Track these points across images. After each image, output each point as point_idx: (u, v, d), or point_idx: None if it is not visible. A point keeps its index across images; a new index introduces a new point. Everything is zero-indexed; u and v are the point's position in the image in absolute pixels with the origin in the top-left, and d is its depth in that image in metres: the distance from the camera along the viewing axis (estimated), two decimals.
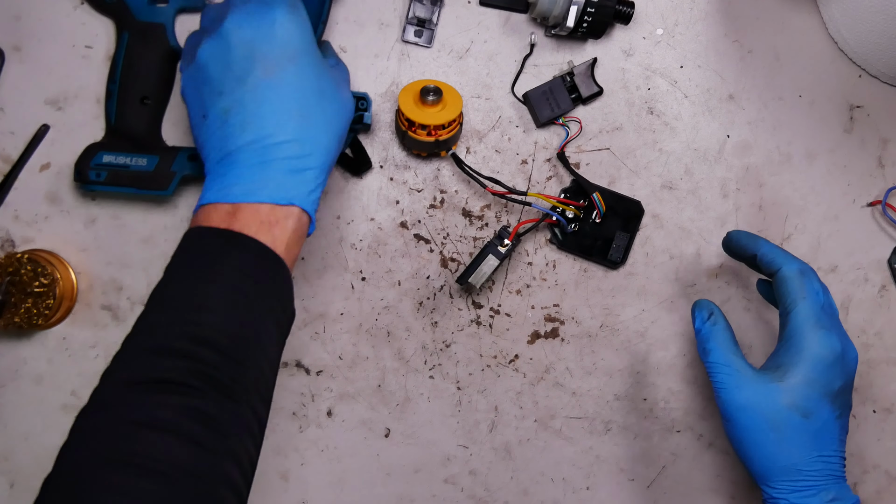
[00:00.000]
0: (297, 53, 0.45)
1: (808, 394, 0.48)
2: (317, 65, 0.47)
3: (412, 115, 0.56)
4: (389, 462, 0.62)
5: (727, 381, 0.50)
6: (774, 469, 0.49)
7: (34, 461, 0.61)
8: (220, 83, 0.45)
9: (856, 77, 0.64)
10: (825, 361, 0.48)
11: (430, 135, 0.57)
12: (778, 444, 0.48)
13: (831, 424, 0.49)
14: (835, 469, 0.49)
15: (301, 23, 0.46)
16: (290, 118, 0.44)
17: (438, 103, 0.57)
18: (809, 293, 0.50)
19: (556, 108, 0.61)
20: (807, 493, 0.48)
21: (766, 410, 0.48)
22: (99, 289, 0.61)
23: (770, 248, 0.53)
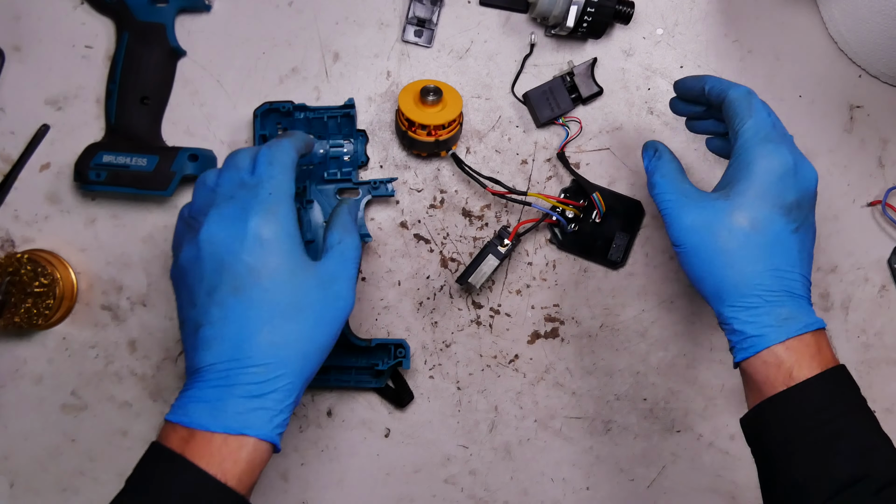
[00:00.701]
0: (270, 269, 0.43)
1: (755, 205, 0.47)
2: (293, 278, 0.44)
3: (412, 115, 0.56)
4: (389, 462, 0.62)
5: (673, 206, 0.49)
6: (725, 287, 0.47)
7: (34, 461, 0.61)
8: (194, 293, 0.44)
9: (856, 77, 0.64)
10: (774, 173, 0.47)
11: (430, 135, 0.57)
12: (727, 260, 0.47)
13: (785, 238, 0.47)
14: (791, 285, 0.47)
15: (278, 231, 0.43)
16: (254, 341, 0.42)
17: (438, 103, 0.57)
18: (757, 110, 0.48)
19: (556, 108, 0.61)
20: (758, 310, 0.46)
21: (713, 227, 0.47)
22: (99, 289, 0.61)
23: (717, 79, 0.52)
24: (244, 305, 0.42)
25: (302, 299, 0.44)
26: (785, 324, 0.45)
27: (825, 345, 0.46)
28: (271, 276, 0.43)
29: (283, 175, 0.45)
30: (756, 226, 0.46)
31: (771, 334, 0.45)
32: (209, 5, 0.60)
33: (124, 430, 0.61)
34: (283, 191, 0.45)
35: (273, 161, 0.45)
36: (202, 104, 0.61)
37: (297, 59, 0.61)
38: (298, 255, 0.44)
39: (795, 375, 0.45)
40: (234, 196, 0.44)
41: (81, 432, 0.61)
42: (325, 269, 0.46)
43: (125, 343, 0.61)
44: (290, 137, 0.49)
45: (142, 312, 0.61)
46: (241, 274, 0.42)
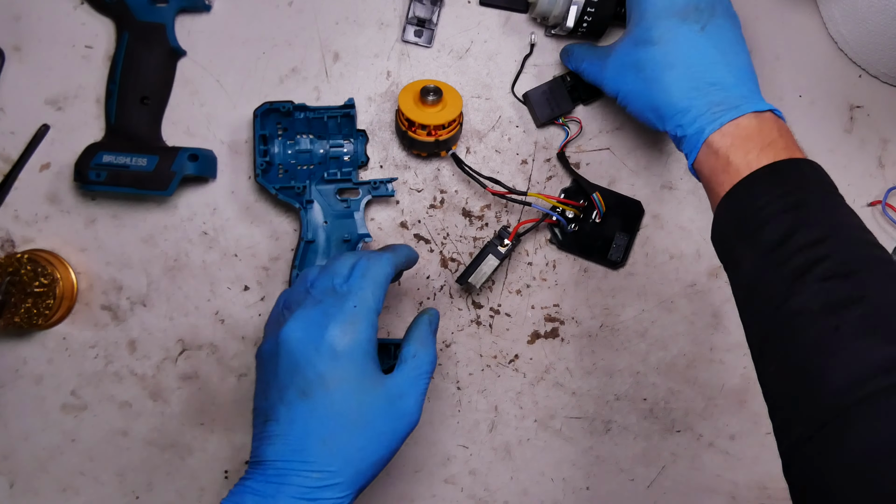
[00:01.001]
0: (338, 380, 0.44)
1: (651, 25, 0.49)
2: (361, 392, 0.44)
3: (412, 115, 0.56)
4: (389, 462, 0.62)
5: (596, 67, 0.54)
6: (660, 107, 0.49)
7: (34, 461, 0.61)
8: (268, 386, 0.45)
9: (856, 77, 0.64)
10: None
11: (430, 135, 0.57)
12: (651, 84, 0.49)
13: (694, 39, 0.48)
14: (720, 79, 0.47)
15: (354, 345, 0.44)
16: (314, 446, 0.43)
17: (438, 103, 0.57)
18: None
19: (556, 108, 0.61)
20: (691, 112, 0.47)
21: (626, 61, 0.50)
22: (99, 289, 0.61)
23: None
24: (310, 410, 0.43)
25: (366, 413, 0.44)
26: (716, 113, 0.46)
27: (767, 127, 0.46)
28: (339, 386, 0.43)
29: (373, 289, 0.46)
30: (658, 41, 0.49)
31: (705, 126, 0.46)
32: (209, 5, 0.60)
33: (124, 430, 0.61)
34: (368, 305, 0.46)
35: (366, 274, 0.46)
36: (202, 104, 0.61)
37: (297, 59, 0.61)
38: (370, 369, 0.45)
39: (732, 160, 0.45)
40: (322, 301, 0.45)
41: (81, 432, 0.61)
42: (395, 384, 0.46)
43: (125, 343, 0.61)
44: (392, 252, 0.50)
45: (142, 312, 0.61)
46: (311, 379, 0.43)
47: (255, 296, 0.61)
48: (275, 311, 0.49)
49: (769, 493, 0.64)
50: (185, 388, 0.61)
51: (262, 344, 0.48)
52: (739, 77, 0.48)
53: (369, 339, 0.45)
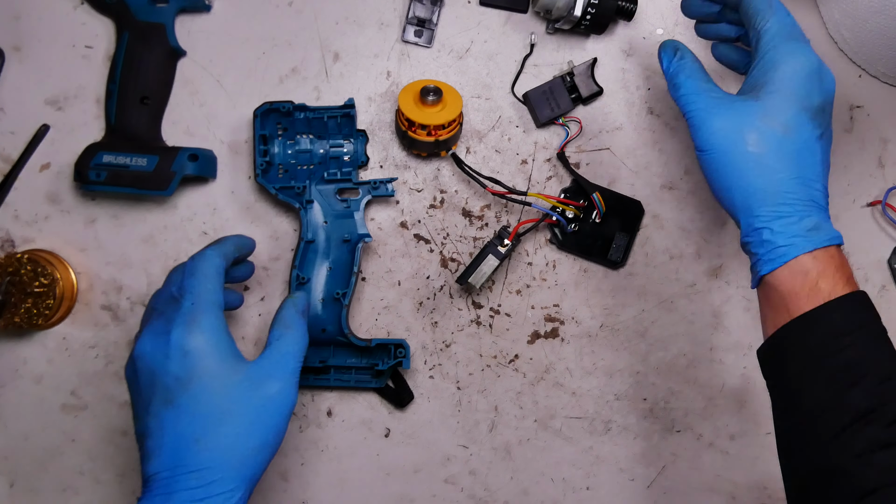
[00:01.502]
0: (196, 377, 0.44)
1: (785, 107, 0.45)
2: (222, 384, 0.45)
3: (412, 115, 0.56)
4: (389, 462, 0.62)
5: (700, 108, 0.47)
6: (755, 194, 0.45)
7: (34, 461, 0.61)
8: (136, 407, 0.46)
9: (856, 77, 0.64)
10: (801, 73, 0.45)
11: (430, 135, 0.57)
12: (758, 165, 0.45)
13: (812, 144, 0.46)
14: (816, 196, 0.46)
15: (201, 340, 0.44)
16: (189, 448, 0.43)
17: (438, 103, 0.57)
18: (778, 8, 0.47)
19: (556, 108, 0.61)
20: (789, 218, 0.44)
21: (744, 130, 0.45)
22: (99, 289, 0.61)
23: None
24: (175, 415, 0.44)
25: (232, 404, 0.44)
26: (812, 234, 0.44)
27: (846, 262, 0.45)
28: (199, 383, 0.44)
29: (205, 284, 0.47)
30: (788, 130, 0.45)
31: (800, 243, 0.44)
32: (209, 5, 0.60)
33: (124, 430, 0.61)
34: (203, 299, 0.46)
35: (194, 272, 0.47)
36: (202, 104, 0.61)
37: (297, 59, 0.61)
38: (227, 359, 0.45)
39: (821, 286, 0.43)
40: (163, 311, 0.46)
41: (81, 432, 0.61)
42: (259, 369, 0.46)
43: (125, 343, 0.61)
44: (215, 245, 0.50)
45: (142, 312, 0.61)
46: (169, 385, 0.44)
47: (255, 296, 0.61)
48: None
49: (769, 493, 0.64)
50: None
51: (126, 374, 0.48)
52: (827, 199, 0.47)
53: (216, 329, 0.45)
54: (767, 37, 0.47)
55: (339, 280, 0.59)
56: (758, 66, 0.47)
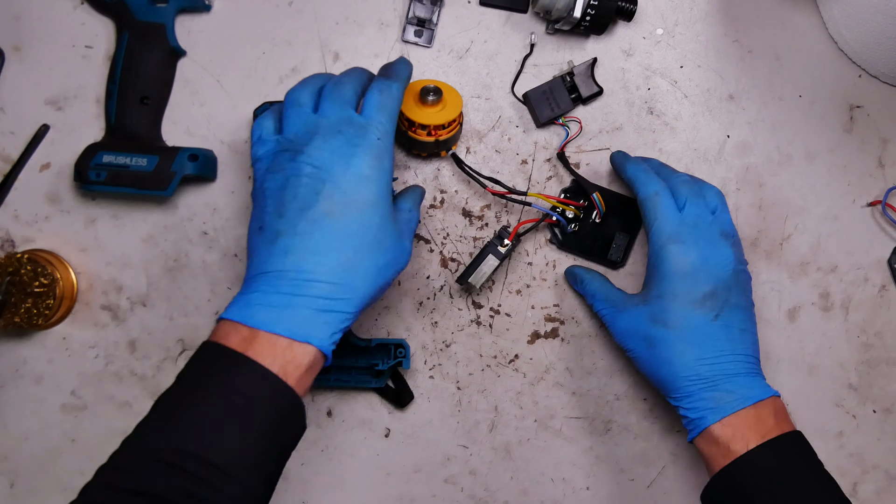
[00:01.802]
0: (365, 203, 0.46)
1: (669, 306, 0.51)
2: (382, 216, 0.47)
3: (412, 116, 0.56)
4: (389, 462, 0.62)
5: (609, 317, 0.56)
6: (664, 382, 0.52)
7: (34, 461, 0.61)
8: (284, 206, 0.46)
9: (856, 77, 0.64)
10: (680, 273, 0.51)
11: (430, 135, 0.57)
12: (659, 359, 0.51)
13: (706, 328, 0.51)
14: (725, 368, 0.50)
15: (379, 173, 0.47)
16: (335, 262, 0.45)
17: (438, 103, 0.57)
18: (661, 213, 0.53)
19: (556, 107, 0.61)
20: (693, 397, 0.50)
21: (638, 330, 0.53)
22: (99, 289, 0.61)
23: (634, 171, 0.56)
24: (334, 227, 0.45)
25: (383, 239, 0.47)
26: (721, 405, 0.49)
27: (768, 414, 0.50)
28: (364, 210, 0.46)
29: (391, 124, 0.49)
30: (675, 325, 0.51)
31: (708, 416, 0.49)
32: (209, 5, 0.60)
33: (124, 430, 0.60)
34: (389, 139, 0.49)
35: (383, 108, 0.49)
36: (202, 104, 0.61)
37: (297, 59, 0.61)
38: (389, 202, 0.48)
39: (734, 449, 0.48)
40: (341, 131, 0.47)
41: (81, 432, 0.61)
42: (400, 223, 0.50)
43: (125, 343, 0.61)
44: (399, 82, 0.51)
45: (142, 312, 0.61)
46: (338, 202, 0.46)
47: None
48: (269, 144, 0.49)
49: None
50: None
51: (268, 169, 0.48)
52: (746, 364, 0.51)
53: (391, 172, 0.48)
54: (651, 241, 0.53)
55: None
56: (648, 264, 0.54)
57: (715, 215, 0.54)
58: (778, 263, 0.64)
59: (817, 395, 0.64)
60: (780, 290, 0.64)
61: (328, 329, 0.45)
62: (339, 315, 0.45)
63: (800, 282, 0.64)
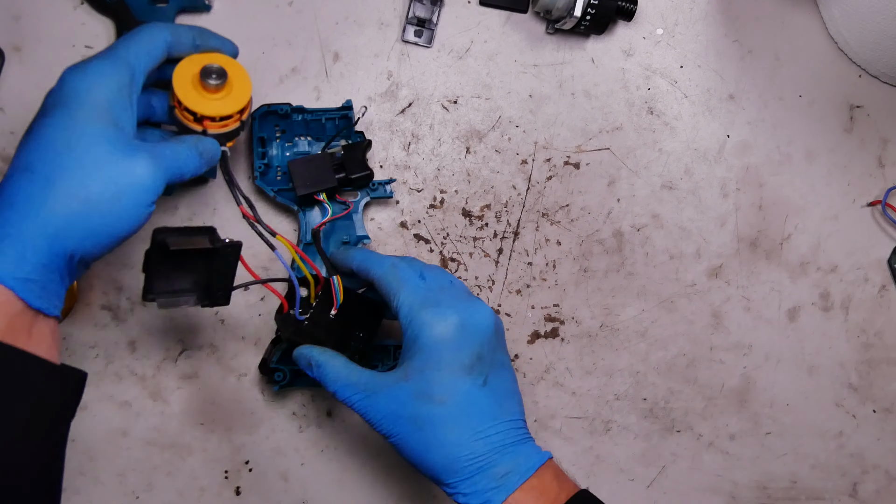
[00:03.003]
0: (61, 107, 0.41)
1: (434, 378, 0.45)
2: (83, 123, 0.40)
3: (180, 94, 0.46)
4: (389, 462, 0.62)
5: (361, 402, 0.47)
6: (438, 467, 0.45)
7: None
8: None
9: (856, 77, 0.64)
10: (443, 339, 0.45)
11: (198, 122, 0.47)
12: (429, 441, 0.45)
13: (476, 396, 0.45)
14: (500, 439, 0.45)
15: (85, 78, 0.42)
16: (16, 175, 0.39)
17: (221, 89, 0.46)
18: (405, 281, 0.48)
19: (317, 182, 0.56)
20: (475, 477, 0.44)
21: (403, 411, 0.45)
22: (99, 289, 0.61)
23: (362, 255, 0.51)
24: (29, 140, 0.41)
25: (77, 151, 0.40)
26: (504, 481, 0.45)
27: (551, 478, 0.46)
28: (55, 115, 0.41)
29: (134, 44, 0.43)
30: (443, 399, 0.45)
31: (494, 497, 0.44)
32: (209, 5, 0.60)
33: (124, 430, 0.61)
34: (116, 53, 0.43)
35: (138, 31, 0.44)
36: None
37: (297, 59, 0.61)
38: (101, 114, 0.41)
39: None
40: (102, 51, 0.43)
41: (81, 432, 0.61)
42: (134, 145, 0.41)
43: (125, 343, 0.61)
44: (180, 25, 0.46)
45: (142, 312, 0.61)
46: (46, 107, 0.42)
47: (255, 296, 0.61)
48: None
49: (769, 493, 0.64)
50: (185, 388, 0.61)
51: None
52: (517, 431, 0.47)
53: (104, 76, 0.42)
54: (403, 312, 0.47)
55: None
56: (404, 338, 0.47)
57: (452, 282, 0.50)
58: (778, 263, 0.64)
59: (817, 395, 0.64)
60: (780, 290, 0.64)
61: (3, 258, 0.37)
62: (11, 239, 0.37)
63: (800, 282, 0.64)
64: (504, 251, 0.62)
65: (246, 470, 0.61)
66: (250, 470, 0.61)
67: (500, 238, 0.62)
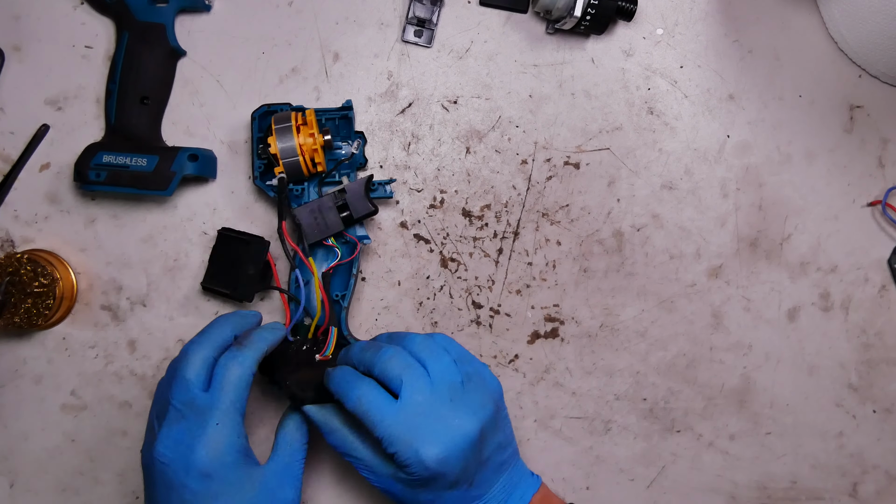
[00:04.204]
0: (214, 493, 0.44)
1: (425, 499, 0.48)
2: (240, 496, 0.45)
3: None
4: None
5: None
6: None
7: (34, 461, 0.61)
8: (150, 498, 0.46)
9: (856, 77, 0.64)
10: (424, 475, 0.47)
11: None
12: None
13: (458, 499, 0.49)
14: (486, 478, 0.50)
15: (221, 456, 0.44)
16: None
17: None
18: (374, 415, 0.47)
19: (324, 228, 0.56)
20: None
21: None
22: (99, 289, 0.61)
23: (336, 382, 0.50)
24: None
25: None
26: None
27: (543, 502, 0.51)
28: (216, 498, 0.44)
29: (233, 399, 0.45)
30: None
31: None
32: (209, 5, 0.60)
33: (124, 430, 0.61)
34: (231, 418, 0.45)
35: (224, 384, 0.45)
36: (202, 104, 0.61)
37: (297, 59, 0.61)
38: (242, 473, 0.45)
39: None
40: (185, 415, 0.45)
41: (81, 432, 0.61)
42: (273, 475, 0.47)
43: (125, 343, 0.61)
44: (251, 350, 0.47)
45: (142, 312, 0.61)
46: (187, 500, 0.44)
47: (255, 299, 0.61)
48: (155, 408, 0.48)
49: (769, 493, 0.64)
50: None
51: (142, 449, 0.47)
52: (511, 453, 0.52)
53: (236, 447, 0.45)
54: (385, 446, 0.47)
55: (339, 282, 0.59)
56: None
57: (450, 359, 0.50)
58: (778, 263, 0.64)
59: (817, 395, 0.64)
60: (780, 291, 0.64)
61: None
62: None
63: (800, 282, 0.64)
64: (504, 251, 0.62)
65: None
66: None
67: (500, 238, 0.62)
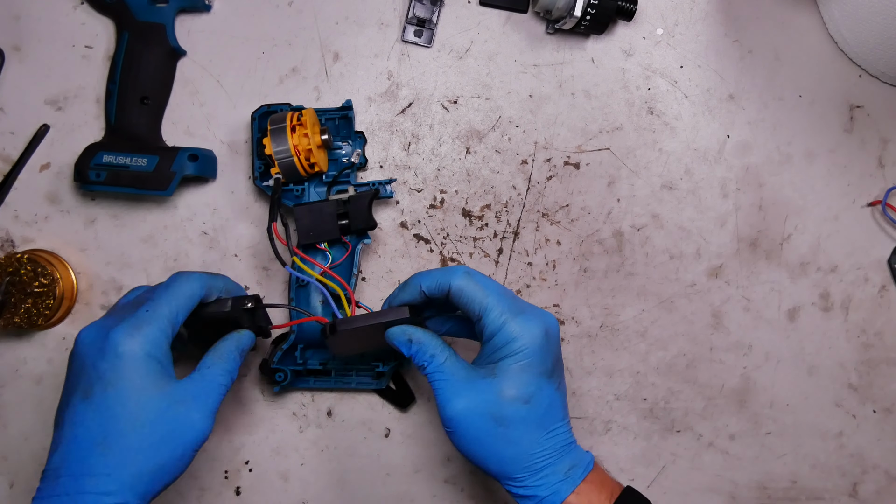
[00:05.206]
0: (118, 381, 0.44)
1: (525, 380, 0.47)
2: (140, 394, 0.44)
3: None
4: (389, 462, 0.62)
5: (445, 389, 0.48)
6: (509, 463, 0.47)
7: (34, 461, 0.61)
8: (62, 394, 0.46)
9: (856, 77, 0.64)
10: (534, 345, 0.48)
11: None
12: (507, 438, 0.47)
13: (553, 398, 0.49)
14: (565, 437, 0.49)
15: (136, 347, 0.44)
16: (89, 449, 0.43)
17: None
18: (489, 288, 0.49)
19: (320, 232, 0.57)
20: (545, 471, 0.47)
21: (487, 407, 0.47)
22: (99, 289, 0.61)
23: (427, 275, 0.51)
24: (89, 410, 0.43)
25: (143, 415, 0.44)
26: (570, 474, 0.48)
27: (603, 472, 0.49)
28: (119, 386, 0.44)
29: (169, 299, 0.47)
30: (530, 400, 0.47)
31: (561, 488, 0.47)
32: (209, 5, 0.60)
33: None
34: (159, 312, 0.46)
35: (169, 285, 0.48)
36: (202, 104, 0.61)
37: (297, 59, 0.61)
38: (153, 371, 0.45)
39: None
40: (120, 311, 0.47)
41: None
42: (182, 390, 0.46)
43: None
44: (206, 274, 0.50)
45: None
46: (93, 380, 0.44)
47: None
48: None
49: (769, 493, 0.64)
50: None
51: None
52: (570, 428, 0.50)
53: (155, 342, 0.45)
54: (492, 316, 0.48)
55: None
56: (492, 341, 0.49)
57: (510, 292, 0.52)
58: (778, 263, 0.64)
59: (817, 395, 0.64)
60: (780, 290, 0.64)
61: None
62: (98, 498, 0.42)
63: (800, 282, 0.64)
64: (504, 251, 0.62)
65: (246, 470, 0.61)
66: (250, 470, 0.61)
67: (500, 238, 0.62)
